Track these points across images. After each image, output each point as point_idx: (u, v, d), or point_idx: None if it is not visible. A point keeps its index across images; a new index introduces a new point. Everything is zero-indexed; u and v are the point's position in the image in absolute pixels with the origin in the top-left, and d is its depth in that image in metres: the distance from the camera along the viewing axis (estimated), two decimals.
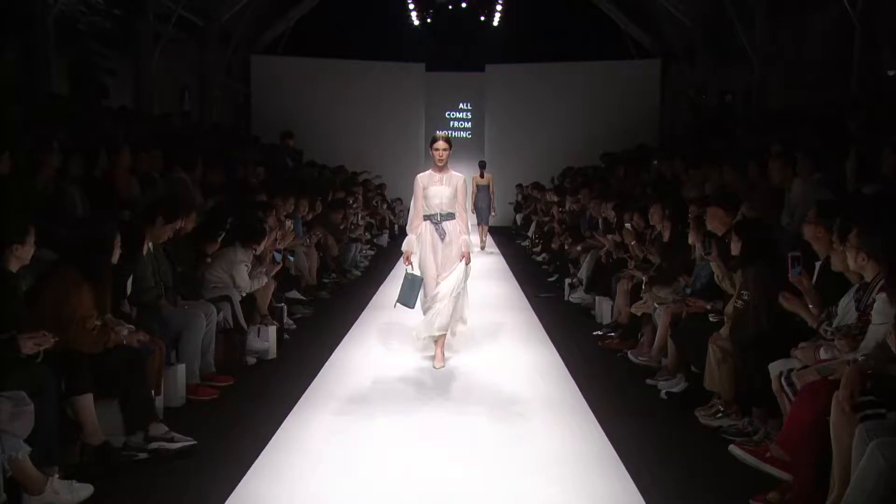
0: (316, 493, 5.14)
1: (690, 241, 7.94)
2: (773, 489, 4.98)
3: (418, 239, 8.16)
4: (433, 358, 8.17)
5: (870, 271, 5.06)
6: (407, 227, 8.42)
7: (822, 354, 5.14)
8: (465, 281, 8.28)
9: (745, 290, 6.22)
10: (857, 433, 4.37)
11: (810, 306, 5.68)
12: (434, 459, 5.73)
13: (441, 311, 8.04)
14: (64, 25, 12.79)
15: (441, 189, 8.11)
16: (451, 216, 8.15)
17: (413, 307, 8.11)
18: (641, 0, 20.42)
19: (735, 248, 6.51)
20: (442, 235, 8.10)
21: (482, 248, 18.49)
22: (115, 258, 6.12)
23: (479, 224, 18.82)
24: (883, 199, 6.70)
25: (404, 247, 8.26)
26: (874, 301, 4.92)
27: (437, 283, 8.09)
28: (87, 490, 4.93)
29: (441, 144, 8.10)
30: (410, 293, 8.04)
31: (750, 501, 4.94)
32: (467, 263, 8.16)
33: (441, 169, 8.15)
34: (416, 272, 8.09)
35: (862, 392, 4.57)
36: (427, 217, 8.15)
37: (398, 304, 8.08)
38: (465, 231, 8.22)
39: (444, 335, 8.28)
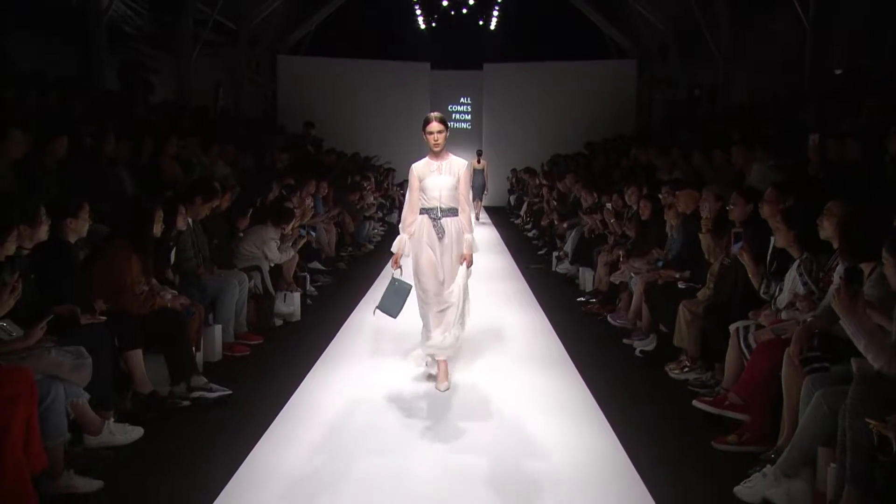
0: (334, 432, 5.20)
1: (667, 219, 7.92)
2: (732, 432, 5.02)
3: (412, 239, 6.26)
4: (435, 378, 6.32)
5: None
6: (400, 225, 6.45)
7: (784, 316, 5.16)
8: (467, 281, 6.30)
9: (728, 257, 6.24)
10: (805, 384, 4.41)
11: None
12: (437, 400, 5.88)
13: (449, 329, 6.13)
14: (115, 29, 12.77)
15: (440, 180, 6.18)
16: (452, 211, 6.22)
17: (396, 317, 6.21)
18: (620, 6, 20.29)
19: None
20: (440, 235, 6.19)
21: (476, 219, 18.49)
22: (158, 231, 6.18)
23: (473, 199, 18.63)
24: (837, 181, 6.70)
25: (394, 247, 6.29)
26: (837, 264, 4.91)
27: (438, 293, 6.19)
28: (137, 432, 4.99)
29: (435, 126, 6.14)
30: (395, 302, 6.17)
31: (712, 443, 4.98)
32: (468, 266, 6.24)
33: (438, 155, 6.23)
34: (405, 279, 6.24)
35: (809, 349, 4.61)
36: (425, 211, 6.24)
37: (378, 311, 6.19)
38: (468, 228, 6.28)
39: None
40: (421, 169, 6.31)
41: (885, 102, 8.38)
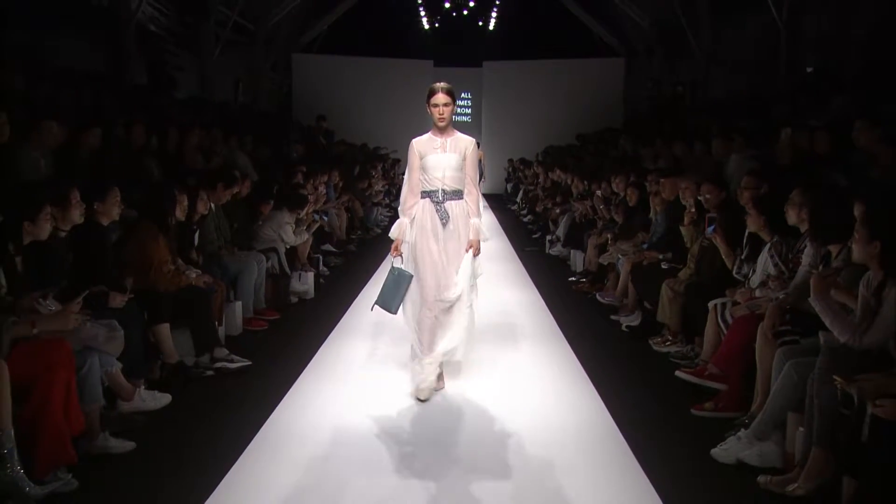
0: (345, 396, 5.26)
1: (652, 205, 7.90)
2: (709, 400, 5.05)
3: (412, 223, 5.29)
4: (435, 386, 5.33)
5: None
6: (399, 208, 5.48)
7: (758, 294, 5.18)
8: (475, 279, 5.37)
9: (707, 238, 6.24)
10: (776, 355, 4.44)
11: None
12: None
13: (452, 329, 5.19)
14: (143, 29, 12.77)
15: (443, 158, 5.19)
16: (457, 194, 5.25)
17: (395, 312, 5.27)
18: (609, 8, 20.21)
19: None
20: (444, 219, 5.21)
21: None
22: (182, 215, 6.22)
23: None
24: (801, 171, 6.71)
25: (393, 233, 5.34)
26: (805, 247, 4.94)
27: (439, 285, 5.20)
28: (166, 398, 5.04)
29: (441, 98, 5.15)
30: (394, 293, 5.22)
31: (691, 409, 5.00)
32: (475, 255, 5.26)
33: (443, 131, 5.23)
34: (406, 267, 5.29)
35: (781, 323, 4.64)
36: (426, 194, 5.27)
37: (376, 307, 5.29)
38: (475, 212, 5.30)
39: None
40: (423, 145, 5.28)
41: (852, 98, 8.38)
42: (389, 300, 5.24)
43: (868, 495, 3.46)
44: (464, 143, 5.29)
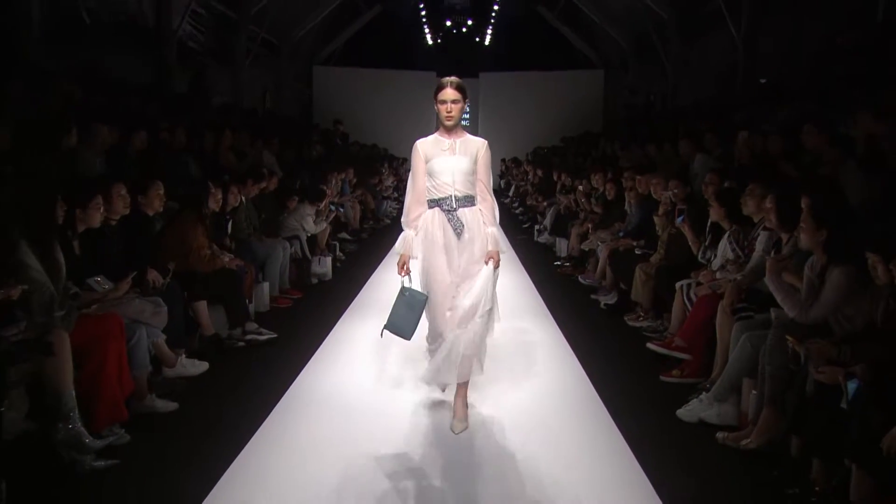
0: (359, 366, 5.25)
1: (627, 199, 7.94)
2: (676, 368, 5.09)
3: (420, 237, 4.10)
4: (452, 414, 4.23)
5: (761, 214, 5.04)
6: (402, 219, 4.24)
7: (718, 276, 5.20)
8: (494, 291, 4.16)
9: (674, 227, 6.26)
10: (734, 329, 4.47)
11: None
12: None
13: (465, 346, 4.01)
14: (183, 45, 12.73)
15: (452, 161, 4.06)
16: (469, 200, 4.10)
17: (410, 338, 4.10)
18: (590, 26, 20.09)
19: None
20: (458, 229, 4.05)
21: None
22: (217, 207, 6.25)
23: None
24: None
25: (398, 247, 4.13)
26: (759, 235, 4.95)
27: (454, 303, 4.07)
28: (204, 366, 5.07)
29: (449, 94, 4.05)
30: (408, 318, 4.04)
31: (660, 376, 5.03)
32: (496, 267, 4.11)
33: (451, 132, 4.12)
34: (418, 287, 4.09)
35: (738, 301, 4.66)
36: (435, 203, 4.10)
37: (386, 332, 4.11)
38: (491, 221, 4.16)
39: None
40: (428, 147, 4.14)
41: (801, 106, 8.36)
42: (403, 325, 4.04)
43: (811, 448, 3.51)
44: (475, 145, 4.17)
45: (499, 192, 20.55)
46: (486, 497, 3.45)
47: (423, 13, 22.97)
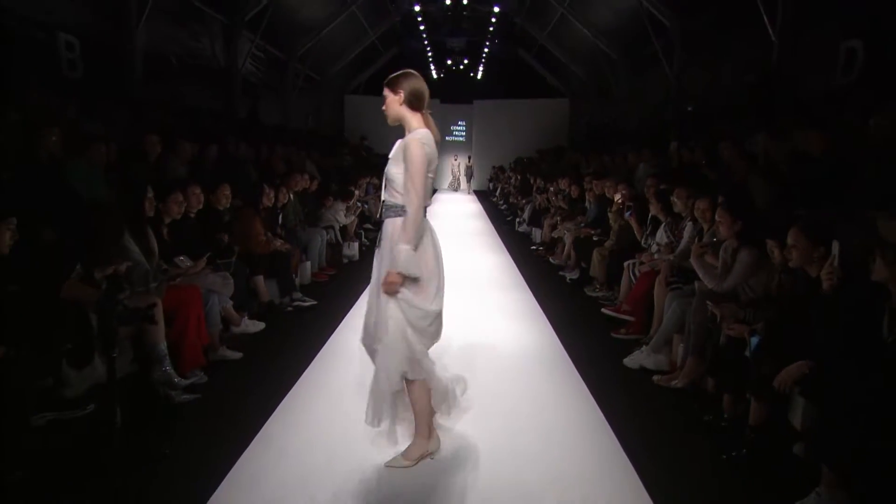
0: None
1: (587, 197, 7.93)
2: (623, 327, 5.12)
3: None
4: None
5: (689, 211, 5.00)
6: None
7: (656, 257, 5.22)
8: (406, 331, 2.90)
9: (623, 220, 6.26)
10: (668, 298, 4.49)
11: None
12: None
13: (380, 382, 2.87)
14: (245, 80, 12.71)
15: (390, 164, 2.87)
16: (394, 210, 2.84)
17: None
18: (558, 64, 19.91)
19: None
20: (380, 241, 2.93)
21: (468, 192, 20.30)
22: (270, 203, 6.22)
23: (467, 181, 22.05)
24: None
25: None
26: (686, 226, 4.98)
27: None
28: (261, 325, 5.06)
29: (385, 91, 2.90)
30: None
31: (611, 334, 5.06)
32: (390, 294, 2.90)
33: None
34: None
35: (671, 276, 4.69)
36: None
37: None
38: (404, 237, 2.76)
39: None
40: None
41: (718, 127, 8.35)
42: None
43: (722, 386, 3.56)
44: (402, 145, 2.88)
45: (487, 193, 20.57)
46: (462, 425, 3.47)
47: (430, 54, 22.90)
